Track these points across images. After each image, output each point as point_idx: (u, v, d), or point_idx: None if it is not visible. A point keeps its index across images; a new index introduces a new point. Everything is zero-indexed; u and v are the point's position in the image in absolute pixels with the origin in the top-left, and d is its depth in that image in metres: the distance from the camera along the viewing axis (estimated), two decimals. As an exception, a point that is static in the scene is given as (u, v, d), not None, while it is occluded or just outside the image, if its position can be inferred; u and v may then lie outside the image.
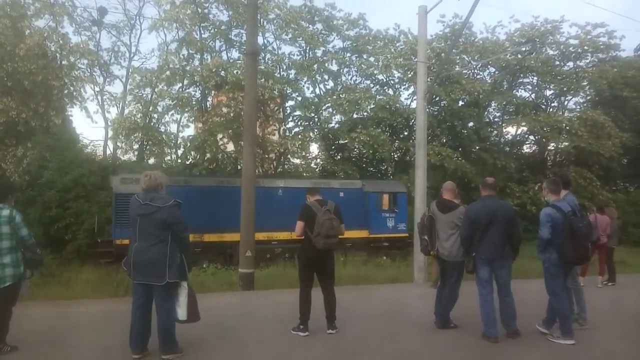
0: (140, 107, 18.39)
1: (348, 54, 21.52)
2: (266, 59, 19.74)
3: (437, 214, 6.32)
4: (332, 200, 6.02)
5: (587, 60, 24.19)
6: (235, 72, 17.67)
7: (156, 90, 18.31)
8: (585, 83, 23.80)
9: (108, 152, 19.08)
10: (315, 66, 20.02)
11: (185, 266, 4.89)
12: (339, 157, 21.22)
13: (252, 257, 9.77)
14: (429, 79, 15.85)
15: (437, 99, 21.18)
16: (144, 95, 18.75)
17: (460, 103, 22.23)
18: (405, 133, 22.13)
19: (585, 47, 22.89)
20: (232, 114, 17.56)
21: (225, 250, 13.74)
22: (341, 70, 21.70)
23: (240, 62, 18.28)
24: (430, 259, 8.25)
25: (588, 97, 25.56)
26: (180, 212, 4.92)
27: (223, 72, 17.93)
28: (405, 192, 16.54)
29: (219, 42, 20.10)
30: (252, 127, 10.39)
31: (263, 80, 17.76)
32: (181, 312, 4.90)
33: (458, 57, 22.19)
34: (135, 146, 18.32)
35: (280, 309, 7.12)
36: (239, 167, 17.23)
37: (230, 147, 18.75)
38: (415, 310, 7.31)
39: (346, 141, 19.26)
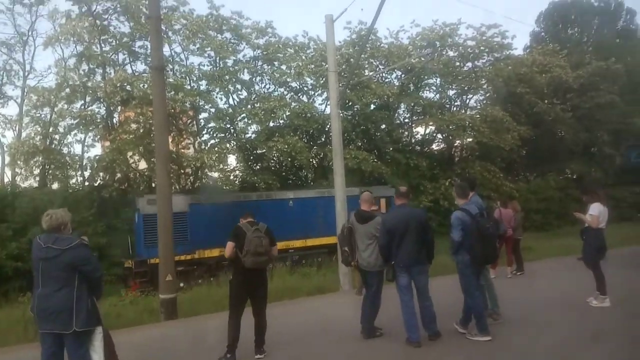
0: (39, 129, 17.07)
1: (259, 63, 21.34)
2: (175, 70, 19.06)
3: (356, 224, 6.42)
4: (264, 223, 5.90)
5: (484, 60, 25.85)
6: (142, 86, 16.88)
7: (55, 109, 17.07)
8: (483, 82, 25.52)
9: (6, 179, 17.49)
10: (226, 76, 19.62)
11: (98, 310, 4.54)
12: (258, 167, 21.00)
13: (173, 282, 9.33)
14: (340, 85, 16.14)
15: (349, 104, 21.60)
16: (43, 115, 17.45)
17: (372, 107, 22.86)
18: (322, 139, 22.37)
19: (482, 48, 24.44)
20: (141, 130, 16.76)
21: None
22: (254, 79, 21.50)
23: (146, 74, 17.50)
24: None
25: (487, 95, 27.42)
26: (89, 252, 4.55)
27: (129, 86, 17.08)
28: (392, 195, 16.84)
29: (122, 55, 19.13)
30: (163, 144, 9.94)
31: (173, 93, 17.12)
32: (97, 357, 4.54)
33: (367, 62, 22.80)
34: (36, 171, 16.95)
35: (206, 338, 6.85)
36: (153, 185, 16.46)
37: (143, 164, 17.88)
38: (342, 322, 7.35)
39: (264, 151, 19.07)
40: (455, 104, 26.85)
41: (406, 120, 25.90)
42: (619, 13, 36.33)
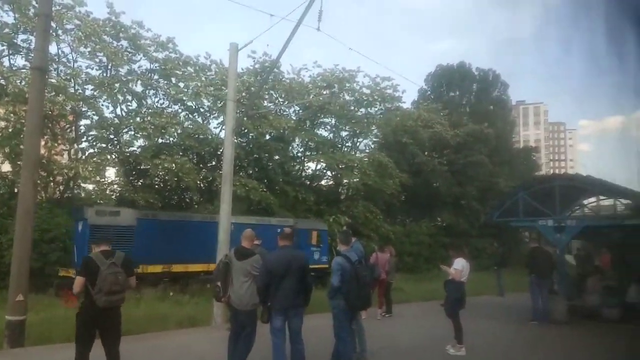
0: None
1: (155, 76, 20.48)
2: (59, 71, 17.56)
3: (233, 260, 6.29)
4: (122, 252, 5.47)
5: (377, 108, 27.42)
6: (18, 82, 15.25)
7: None
8: (373, 128, 27.01)
9: None
10: (117, 85, 18.50)
11: None
12: (139, 184, 19.83)
13: (25, 302, 8.32)
14: (238, 112, 16.07)
15: (245, 131, 21.48)
16: None
17: (267, 137, 23.00)
18: (213, 162, 21.88)
19: (375, 97, 25.93)
20: (10, 130, 15.04)
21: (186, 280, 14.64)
22: (147, 92, 20.52)
23: (25, 71, 15.89)
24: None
25: (376, 140, 28.98)
26: None
27: (3, 80, 15.33)
28: (326, 229, 19.06)
29: (1, 46, 17.19)
30: (34, 149, 9.00)
31: (53, 94, 15.70)
32: None
33: (267, 93, 22.98)
34: None
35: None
36: (15, 191, 14.74)
37: (6, 167, 16.00)
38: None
39: (149, 167, 18.09)
40: (347, 144, 27.97)
41: (299, 155, 26.37)
42: (495, 83, 41.03)
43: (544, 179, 13.63)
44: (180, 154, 19.26)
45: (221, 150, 19.31)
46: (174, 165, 17.64)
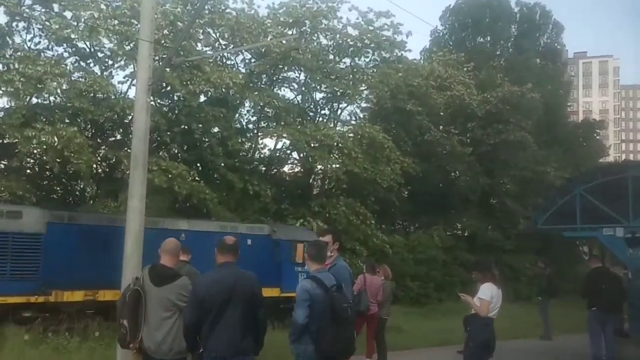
0: None
1: (28, 1, 20.04)
2: None
3: (148, 286, 6.20)
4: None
5: (368, 59, 27.50)
6: None
7: None
8: (363, 88, 27.06)
9: None
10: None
11: None
12: (1, 166, 19.46)
13: None
14: (157, 59, 15.78)
15: (168, 88, 21.23)
16: None
17: (202, 99, 22.79)
18: (117, 136, 21.54)
19: (366, 41, 25.95)
20: None
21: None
22: (14, 26, 20.02)
23: None
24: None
25: (366, 107, 29.04)
26: None
27: None
28: (316, 240, 17.59)
29: None
30: None
31: None
32: None
33: (201, 31, 22.71)
34: None
35: None
36: None
37: None
38: None
39: (16, 141, 17.71)
40: (322, 112, 27.97)
41: (250, 127, 26.21)
42: (543, 25, 41.44)
43: (612, 168, 13.91)
44: (67, 121, 18.88)
45: (130, 117, 18.98)
46: (56, 138, 17.27)
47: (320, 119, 27.56)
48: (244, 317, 5.97)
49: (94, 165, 19.71)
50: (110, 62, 21.89)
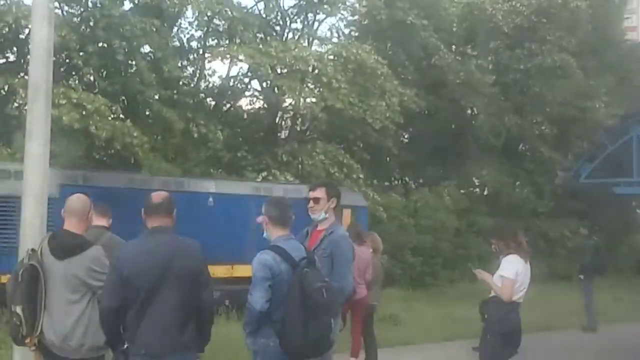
0: None
1: None
2: None
3: (49, 261, 6.21)
4: None
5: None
6: None
7: None
8: (347, -8, 26.86)
9: None
10: None
11: None
12: None
13: None
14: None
15: (79, -9, 20.93)
16: None
17: (128, 5, 22.74)
18: (10, 57, 21.52)
19: None
20: None
21: None
22: None
23: None
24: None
25: (352, 20, 28.75)
26: None
27: None
28: (366, 206, 21.76)
29: None
30: None
31: None
32: None
33: None
34: None
35: None
36: None
37: None
38: None
39: None
40: (293, 26, 27.70)
41: (194, 45, 25.92)
42: None
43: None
44: None
45: (27, 31, 18.70)
46: None
47: (291, 35, 27.38)
48: (184, 302, 5.96)
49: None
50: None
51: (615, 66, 36.23)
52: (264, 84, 25.83)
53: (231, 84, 26.56)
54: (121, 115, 20.38)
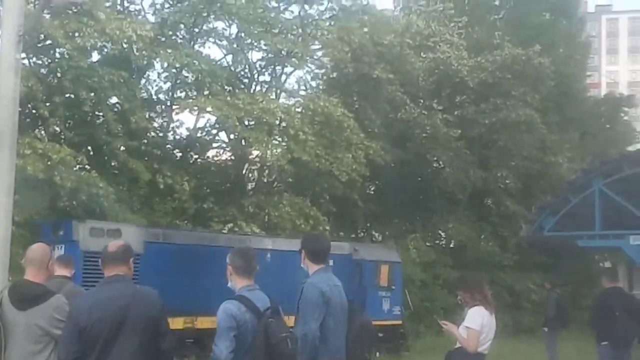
0: None
1: None
2: None
3: (9, 312, 6.10)
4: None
5: (323, 7, 27.49)
6: None
7: None
8: (316, 46, 27.14)
9: None
10: None
11: None
12: None
13: None
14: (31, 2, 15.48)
15: (47, 42, 20.94)
16: None
17: (96, 57, 22.68)
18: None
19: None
20: None
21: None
22: None
23: None
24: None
25: (319, 73, 28.96)
26: None
27: None
28: (400, 262, 23.51)
29: None
30: None
31: None
32: None
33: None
34: None
35: None
36: None
37: None
38: None
39: None
40: (261, 79, 27.82)
41: (162, 97, 25.94)
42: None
43: (642, 156, 14.11)
44: None
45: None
46: None
47: (258, 87, 27.45)
48: (143, 351, 5.88)
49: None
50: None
51: (578, 122, 36.81)
52: (232, 136, 25.81)
53: (199, 135, 26.53)
54: (87, 166, 20.26)
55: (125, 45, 21.70)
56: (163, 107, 26.08)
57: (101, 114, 22.54)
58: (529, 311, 29.11)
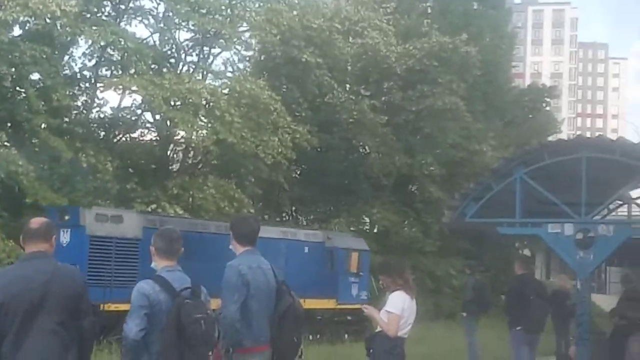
0: None
1: None
2: None
3: None
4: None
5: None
6: None
7: None
8: (244, 28, 27.04)
9: None
10: None
11: None
12: None
13: None
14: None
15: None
16: None
17: (17, 32, 22.35)
18: None
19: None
20: None
21: None
22: None
23: None
24: None
25: (247, 56, 28.89)
26: None
27: None
28: (369, 250, 24.90)
29: None
30: None
31: None
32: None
33: None
34: None
35: None
36: None
37: None
38: None
39: None
40: (188, 59, 27.59)
41: (86, 74, 25.57)
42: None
43: (562, 146, 14.30)
44: None
45: None
46: None
47: (185, 68, 27.25)
48: (64, 328, 5.77)
49: None
50: None
51: (502, 111, 37.35)
52: (157, 116, 25.60)
53: (123, 115, 26.23)
54: (6, 143, 19.88)
55: (48, 21, 21.29)
56: (87, 84, 25.76)
57: (22, 90, 22.18)
58: (450, 296, 29.53)
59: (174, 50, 27.48)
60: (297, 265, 20.96)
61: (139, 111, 26.45)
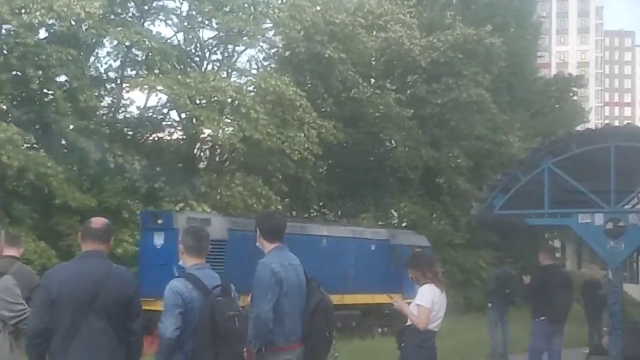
0: None
1: None
2: None
3: None
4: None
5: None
6: None
7: None
8: (268, 25, 27.05)
9: None
10: None
11: None
12: None
13: None
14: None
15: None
16: None
17: (43, 34, 22.41)
18: None
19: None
20: None
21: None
22: None
23: None
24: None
25: (271, 53, 28.82)
26: None
27: None
28: (430, 246, 24.85)
29: None
30: None
31: None
32: None
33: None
34: None
35: None
36: None
37: None
38: None
39: None
40: (212, 58, 27.65)
41: (111, 75, 25.72)
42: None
43: (590, 136, 14.23)
44: None
45: None
46: None
47: (210, 66, 27.32)
48: (113, 329, 5.81)
49: None
50: None
51: (528, 101, 37.13)
52: (183, 115, 25.69)
53: (149, 114, 26.36)
54: (35, 145, 20.02)
55: (73, 23, 21.40)
56: (113, 85, 25.91)
57: (50, 92, 22.35)
58: (480, 289, 29.32)
59: (198, 48, 27.57)
60: (365, 262, 22.47)
61: (165, 110, 26.58)
